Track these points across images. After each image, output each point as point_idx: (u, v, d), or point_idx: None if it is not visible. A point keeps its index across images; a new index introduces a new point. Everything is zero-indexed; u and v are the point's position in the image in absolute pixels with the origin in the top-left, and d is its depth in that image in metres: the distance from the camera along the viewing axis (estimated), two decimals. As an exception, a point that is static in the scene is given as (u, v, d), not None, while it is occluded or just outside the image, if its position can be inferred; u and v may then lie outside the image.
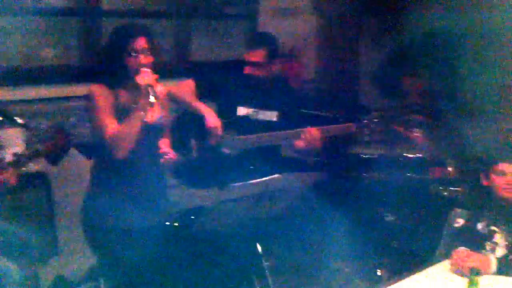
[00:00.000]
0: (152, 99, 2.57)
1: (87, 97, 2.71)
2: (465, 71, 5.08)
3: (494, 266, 2.52)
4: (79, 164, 3.71)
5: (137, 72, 2.63)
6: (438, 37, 5.05)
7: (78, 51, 4.03)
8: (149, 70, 2.63)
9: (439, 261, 2.74)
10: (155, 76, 2.65)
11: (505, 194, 2.72)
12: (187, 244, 3.12)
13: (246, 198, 2.89)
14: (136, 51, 2.65)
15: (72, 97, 3.78)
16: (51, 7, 3.78)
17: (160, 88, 2.83)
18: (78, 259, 3.69)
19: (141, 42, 2.66)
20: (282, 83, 3.80)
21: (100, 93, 2.67)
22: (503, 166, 2.71)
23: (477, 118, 4.99)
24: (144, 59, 2.65)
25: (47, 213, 3.51)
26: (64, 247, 3.63)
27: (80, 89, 3.77)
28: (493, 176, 2.74)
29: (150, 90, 2.59)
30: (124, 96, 2.70)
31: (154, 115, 2.71)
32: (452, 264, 2.61)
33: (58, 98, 3.75)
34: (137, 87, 2.61)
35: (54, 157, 2.89)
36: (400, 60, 4.70)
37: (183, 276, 2.95)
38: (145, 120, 2.64)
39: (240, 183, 2.80)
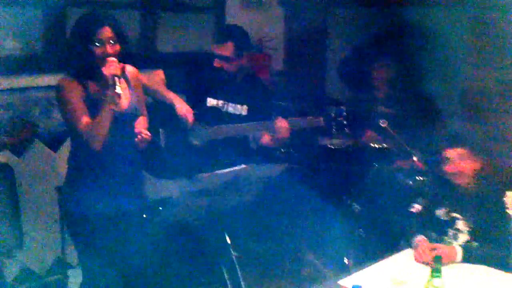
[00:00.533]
0: (118, 90, 2.53)
1: (56, 90, 2.65)
2: (430, 64, 5.18)
3: (459, 255, 2.58)
4: (43, 156, 3.67)
5: (103, 62, 2.59)
6: (405, 30, 5.12)
7: (42, 41, 3.96)
8: (115, 59, 2.59)
9: (404, 249, 2.79)
10: (121, 65, 2.62)
11: (456, 180, 2.79)
12: (156, 235, 3.11)
13: (214, 188, 2.89)
14: (101, 41, 2.60)
15: (36, 87, 3.73)
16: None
17: (134, 70, 2.81)
18: (43, 251, 3.66)
19: (106, 32, 2.62)
20: (250, 76, 3.80)
21: (69, 86, 2.61)
22: (447, 153, 2.79)
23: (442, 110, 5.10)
24: (110, 48, 2.61)
25: (12, 206, 3.45)
26: (29, 239, 3.59)
27: (44, 80, 3.75)
28: (442, 164, 2.81)
29: (116, 81, 2.55)
30: (93, 87, 2.66)
31: (125, 104, 2.68)
32: (416, 254, 2.67)
33: (22, 89, 3.68)
34: (104, 78, 2.57)
35: (19, 148, 2.86)
36: (367, 53, 4.75)
37: (153, 266, 2.94)
38: (116, 110, 2.61)
39: (208, 174, 2.79)
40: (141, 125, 2.80)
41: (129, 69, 2.81)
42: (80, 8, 3.97)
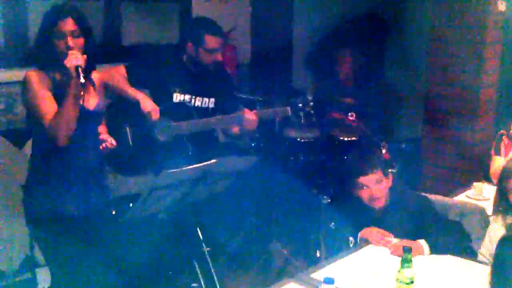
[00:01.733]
0: (82, 79, 2.49)
1: (23, 84, 2.59)
2: (394, 56, 5.25)
3: (426, 249, 2.63)
4: (8, 153, 3.60)
5: (65, 55, 2.54)
6: (370, 20, 5.17)
7: (3, 36, 3.86)
8: (76, 52, 2.55)
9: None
10: (84, 57, 2.57)
11: (374, 205, 2.84)
12: (125, 232, 3.08)
13: (182, 183, 2.88)
14: (63, 34, 2.55)
15: (-1, 83, 3.65)
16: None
17: (95, 73, 2.76)
18: (11, 250, 3.59)
19: (68, 24, 2.57)
20: (217, 68, 3.78)
21: (35, 79, 2.56)
22: (362, 180, 2.81)
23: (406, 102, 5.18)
24: (72, 41, 2.56)
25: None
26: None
27: (6, 75, 3.67)
28: (357, 190, 2.85)
29: (80, 71, 2.51)
30: (58, 81, 2.61)
31: (91, 101, 2.64)
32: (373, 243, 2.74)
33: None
34: (67, 70, 2.52)
35: None
36: (333, 43, 4.78)
37: (124, 264, 2.92)
38: (81, 105, 2.58)
39: (176, 169, 2.78)
40: (104, 131, 2.78)
41: (97, 75, 2.77)
42: (43, 1, 3.91)
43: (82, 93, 2.51)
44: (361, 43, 4.88)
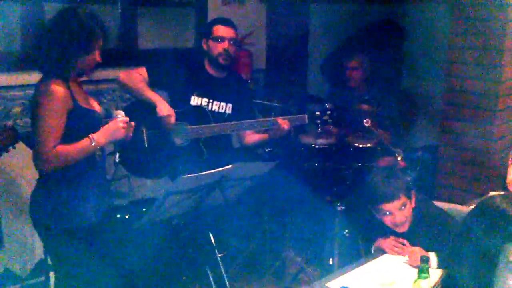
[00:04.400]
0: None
1: (41, 94, 2.45)
2: (412, 63, 5.22)
3: (434, 262, 2.59)
4: (23, 155, 3.60)
5: (94, 70, 2.55)
6: (387, 27, 5.14)
7: (21, 39, 3.88)
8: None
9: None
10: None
11: (398, 230, 2.78)
12: (139, 236, 3.08)
13: (198, 189, 2.87)
14: (95, 50, 2.53)
15: (15, 86, 3.66)
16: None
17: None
18: (25, 253, 3.60)
19: (100, 42, 2.56)
20: (233, 74, 3.79)
21: (58, 94, 2.44)
22: (386, 207, 2.74)
23: (423, 109, 5.14)
24: (98, 57, 2.56)
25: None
26: (10, 240, 3.53)
27: (23, 78, 3.68)
28: (380, 215, 2.79)
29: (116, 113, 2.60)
30: (75, 85, 2.61)
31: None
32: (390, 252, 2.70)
33: (1, 87, 3.61)
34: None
35: (0, 153, 2.82)
36: (350, 50, 4.75)
37: (137, 269, 2.91)
38: (92, 109, 2.59)
39: (192, 175, 2.77)
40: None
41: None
42: (59, 4, 3.92)
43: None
44: (378, 50, 4.85)
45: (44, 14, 3.86)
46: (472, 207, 2.81)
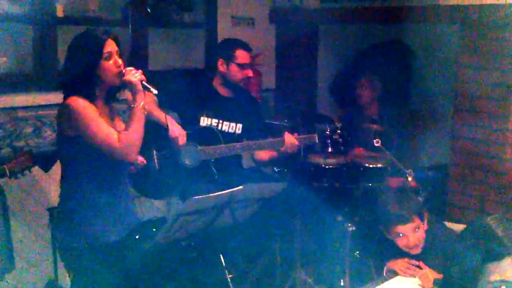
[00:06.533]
0: (153, 90, 2.59)
1: (68, 111, 2.52)
2: (419, 81, 5.21)
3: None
4: (35, 177, 3.62)
5: (114, 77, 2.57)
6: (395, 46, 5.15)
7: (32, 60, 3.92)
8: (132, 68, 2.59)
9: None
10: (140, 71, 2.62)
11: (412, 252, 2.77)
12: (148, 257, 3.07)
13: (208, 210, 2.87)
14: (111, 53, 2.56)
15: (26, 107, 3.68)
16: (5, 14, 3.66)
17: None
18: (35, 274, 3.60)
19: (112, 44, 2.59)
20: (243, 93, 3.80)
21: (87, 104, 2.52)
22: (399, 229, 2.74)
23: (432, 128, 5.12)
24: (119, 60, 2.58)
25: (2, 227, 3.39)
26: (20, 262, 3.53)
27: (35, 99, 3.70)
28: (393, 237, 2.78)
29: (146, 84, 2.58)
30: (101, 104, 2.63)
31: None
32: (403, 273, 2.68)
33: (12, 108, 3.63)
34: (131, 85, 2.56)
35: (17, 175, 2.85)
36: (357, 70, 4.76)
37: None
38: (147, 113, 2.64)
39: (203, 196, 2.78)
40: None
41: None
42: (70, 26, 3.97)
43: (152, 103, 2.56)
44: (387, 70, 4.85)
45: (56, 35, 3.89)
46: None
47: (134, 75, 2.57)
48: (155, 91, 2.59)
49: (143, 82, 2.59)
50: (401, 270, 2.72)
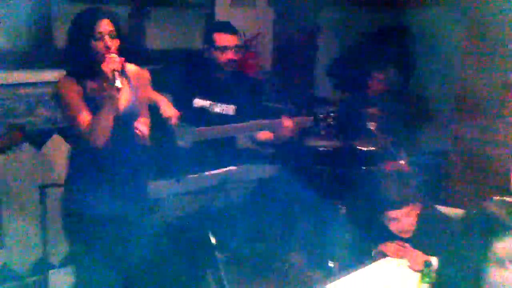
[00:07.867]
0: (118, 83, 2.48)
1: (56, 90, 2.61)
2: (420, 67, 5.18)
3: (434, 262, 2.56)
4: (27, 154, 3.60)
5: (102, 57, 2.53)
6: (395, 32, 5.11)
7: (28, 37, 3.88)
8: (114, 55, 2.54)
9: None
10: (122, 59, 2.56)
11: (403, 236, 2.76)
12: (141, 236, 3.06)
13: (201, 190, 2.85)
14: (102, 34, 2.52)
15: (20, 84, 3.65)
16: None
17: (136, 74, 2.78)
18: (25, 251, 3.60)
19: (106, 25, 2.55)
20: (238, 75, 3.77)
21: (68, 85, 2.56)
22: (393, 214, 2.73)
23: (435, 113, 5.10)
24: (110, 42, 2.54)
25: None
26: (10, 238, 3.53)
27: (29, 76, 3.68)
28: (386, 221, 2.77)
29: (116, 75, 2.49)
30: (92, 84, 2.61)
31: (124, 103, 2.65)
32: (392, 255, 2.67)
33: (6, 85, 3.60)
34: (103, 74, 2.51)
35: (7, 151, 2.84)
36: (357, 54, 4.73)
37: (139, 267, 2.90)
38: (116, 107, 2.57)
39: (196, 175, 2.76)
40: (141, 125, 2.76)
41: (132, 68, 2.76)
42: (69, 4, 3.93)
43: (116, 95, 2.51)
44: (389, 54, 4.82)
45: (50, 12, 3.86)
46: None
47: (109, 65, 2.50)
48: (120, 85, 2.51)
49: (114, 72, 2.50)
50: (392, 252, 2.71)
